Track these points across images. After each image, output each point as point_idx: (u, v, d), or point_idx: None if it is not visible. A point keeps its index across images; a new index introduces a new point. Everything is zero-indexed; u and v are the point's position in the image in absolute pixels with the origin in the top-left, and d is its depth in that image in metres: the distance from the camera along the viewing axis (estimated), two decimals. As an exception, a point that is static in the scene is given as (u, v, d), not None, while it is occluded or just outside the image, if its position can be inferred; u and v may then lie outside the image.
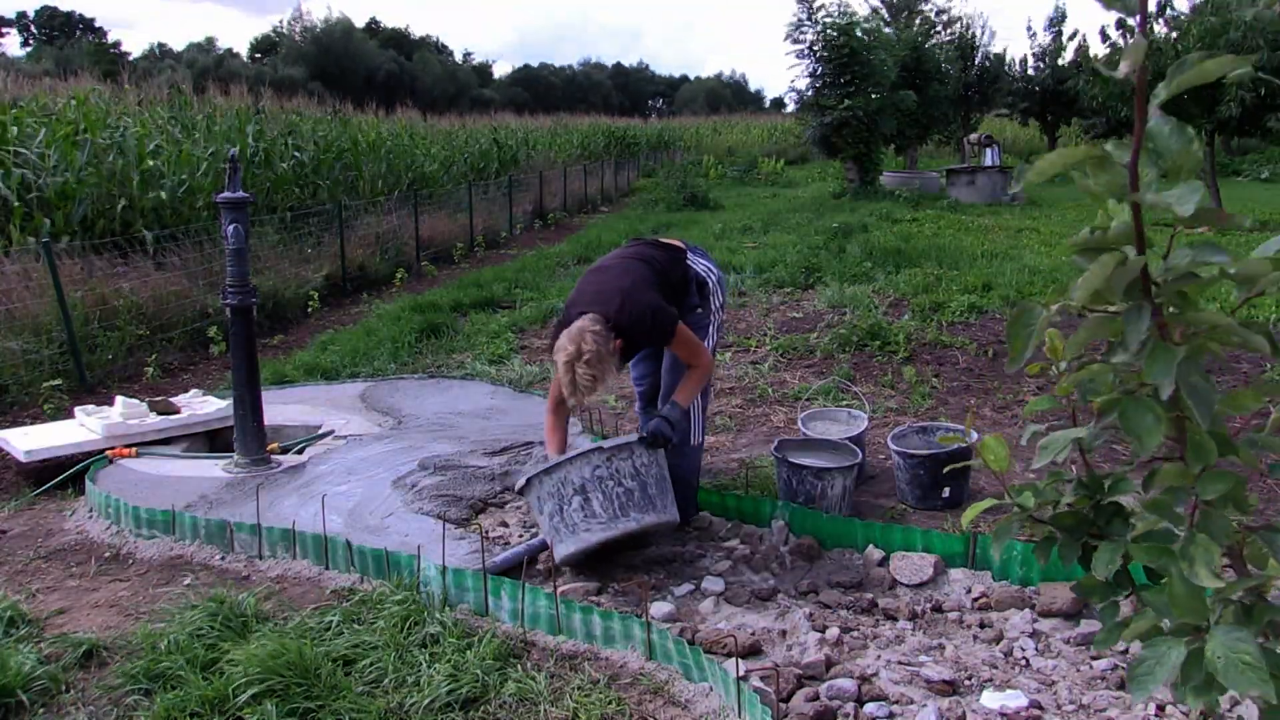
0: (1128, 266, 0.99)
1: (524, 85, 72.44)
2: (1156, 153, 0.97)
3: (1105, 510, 1.24)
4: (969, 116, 26.46)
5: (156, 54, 58.98)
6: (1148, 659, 1.04)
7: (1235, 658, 0.96)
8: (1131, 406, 1.04)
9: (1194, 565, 1.02)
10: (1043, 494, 1.27)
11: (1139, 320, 1.00)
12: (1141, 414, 1.03)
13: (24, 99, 10.42)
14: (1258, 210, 15.41)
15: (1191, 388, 0.98)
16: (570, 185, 20.49)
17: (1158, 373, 0.98)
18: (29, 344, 6.46)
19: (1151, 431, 1.02)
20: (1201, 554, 1.03)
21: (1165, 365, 0.98)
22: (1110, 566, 1.18)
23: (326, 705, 2.56)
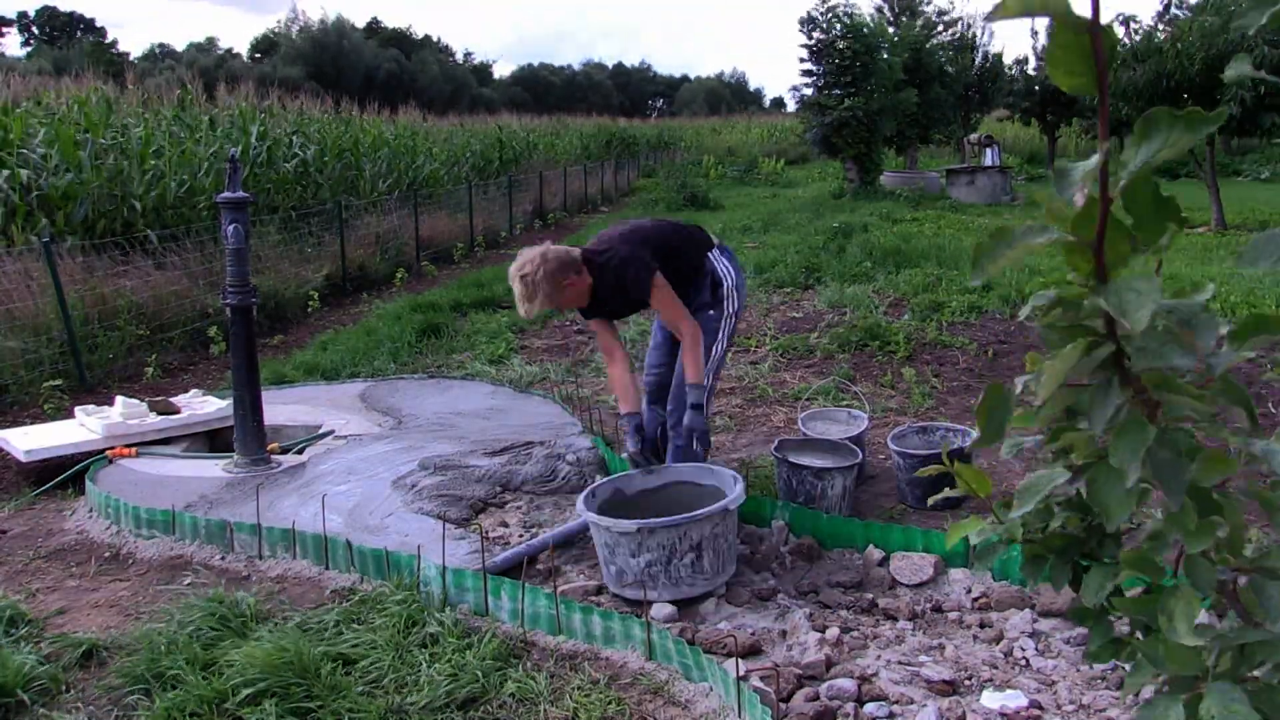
0: (1094, 355, 0.93)
1: (524, 85, 72.46)
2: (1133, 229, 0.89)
3: (1097, 530, 1.22)
4: (969, 116, 26.45)
5: (157, 54, 59.00)
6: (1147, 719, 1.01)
7: (1229, 717, 0.93)
8: (1101, 475, 0.99)
9: (1173, 621, 0.99)
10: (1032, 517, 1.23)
11: (1106, 400, 0.94)
12: (1112, 486, 0.97)
13: (25, 99, 10.42)
14: (1258, 210, 15.41)
15: (1161, 467, 0.92)
16: (570, 185, 20.49)
17: (1125, 456, 0.91)
18: (29, 344, 6.46)
19: (1121, 504, 0.97)
20: (1181, 609, 0.99)
21: (1134, 448, 0.91)
22: (1101, 593, 1.15)
23: (326, 705, 2.56)
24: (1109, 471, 0.97)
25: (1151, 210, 0.89)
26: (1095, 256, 0.89)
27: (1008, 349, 6.62)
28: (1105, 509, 0.98)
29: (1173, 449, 0.93)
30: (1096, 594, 1.15)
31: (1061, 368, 0.93)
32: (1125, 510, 0.97)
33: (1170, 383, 0.94)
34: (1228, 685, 0.96)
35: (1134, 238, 0.89)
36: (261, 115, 12.64)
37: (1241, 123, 12.44)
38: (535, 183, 18.59)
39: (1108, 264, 0.89)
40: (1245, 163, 26.38)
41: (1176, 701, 0.99)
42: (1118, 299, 0.85)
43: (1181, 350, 0.86)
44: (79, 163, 8.51)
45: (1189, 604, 1.00)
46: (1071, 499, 1.22)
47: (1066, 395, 1.00)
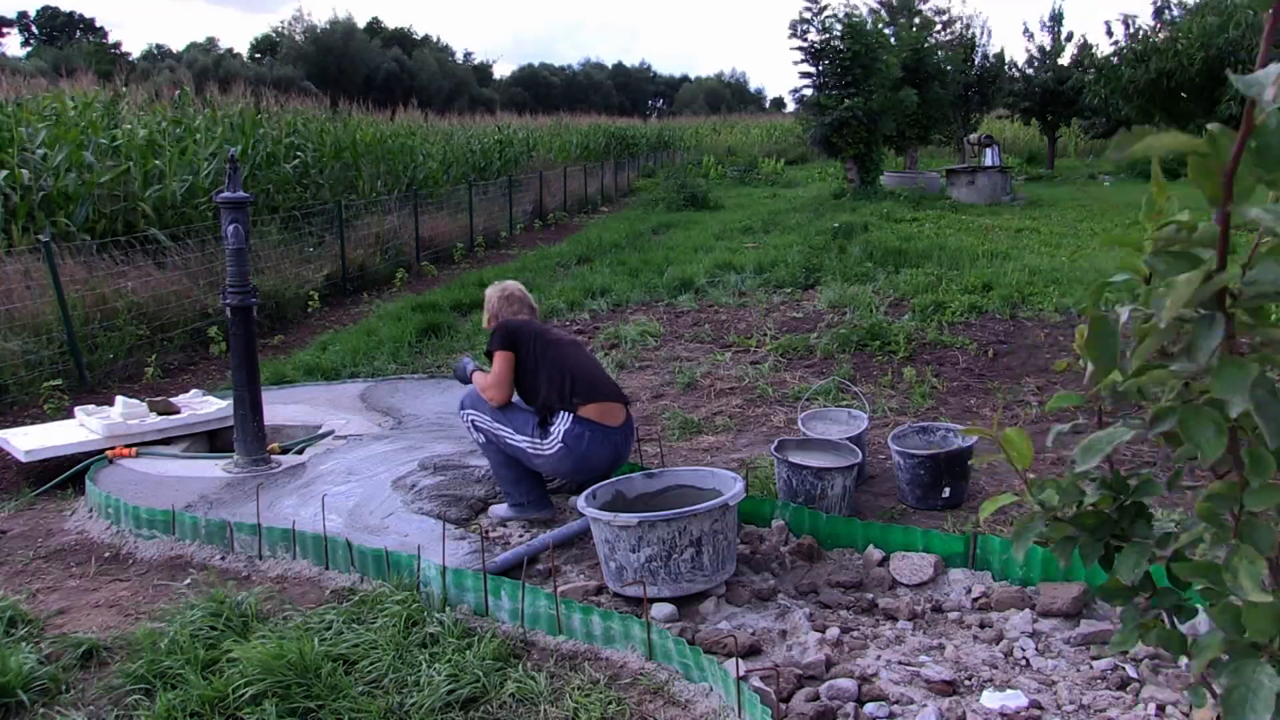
0: (1212, 282, 0.95)
1: (524, 85, 72.45)
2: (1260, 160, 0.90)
3: (1129, 511, 1.22)
4: (969, 116, 26.46)
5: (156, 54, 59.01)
6: (1239, 687, 1.00)
7: None
8: (1192, 416, 1.01)
9: (1238, 578, 1.00)
10: (1065, 493, 1.24)
11: (1210, 333, 0.96)
12: (1203, 424, 1.00)
13: (26, 99, 10.42)
14: (1258, 210, 15.40)
15: (1260, 404, 0.94)
16: (570, 185, 20.49)
17: (1228, 388, 0.94)
18: (29, 344, 6.47)
19: (1213, 443, 0.99)
20: (1246, 566, 1.00)
21: (1238, 382, 0.93)
22: (1137, 571, 1.15)
23: (326, 705, 2.56)
24: (1199, 413, 1.00)
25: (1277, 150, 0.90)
26: (1226, 180, 0.91)
27: (1008, 349, 6.62)
28: (1200, 446, 0.99)
29: (1269, 389, 0.95)
30: (1132, 570, 1.15)
31: (1186, 291, 0.94)
32: (1218, 448, 0.98)
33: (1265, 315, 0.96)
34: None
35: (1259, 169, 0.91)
36: (261, 115, 12.64)
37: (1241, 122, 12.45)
38: (535, 183, 18.59)
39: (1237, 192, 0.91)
40: (1245, 163, 26.33)
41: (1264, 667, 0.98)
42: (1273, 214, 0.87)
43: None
44: (80, 163, 8.51)
45: (1253, 561, 1.00)
46: (1105, 478, 1.23)
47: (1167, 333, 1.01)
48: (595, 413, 3.76)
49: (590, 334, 7.70)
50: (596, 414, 3.76)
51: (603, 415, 3.78)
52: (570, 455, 3.73)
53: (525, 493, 3.88)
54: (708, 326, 7.65)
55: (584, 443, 3.72)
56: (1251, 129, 0.88)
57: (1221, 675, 1.01)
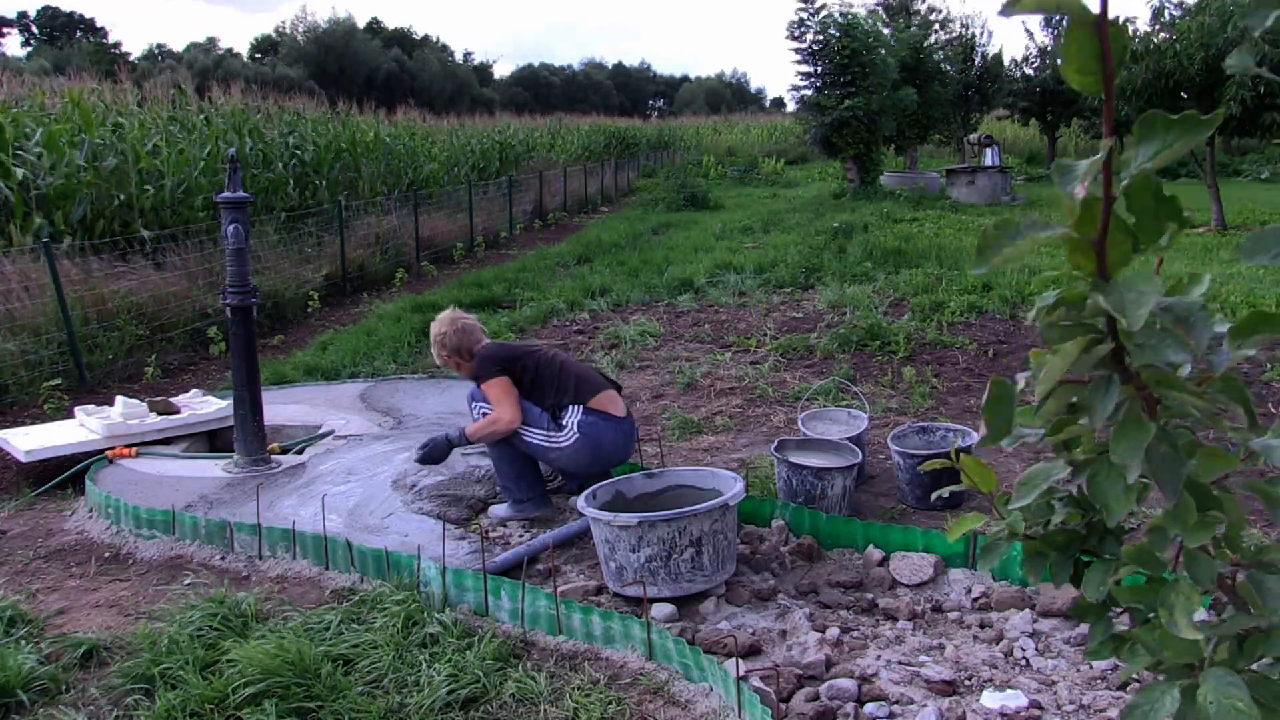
0: (1093, 352, 0.94)
1: (524, 85, 72.45)
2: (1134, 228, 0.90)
3: (1097, 527, 1.22)
4: (969, 116, 26.45)
5: (156, 54, 59.01)
6: (1141, 705, 1.02)
7: (1228, 704, 0.94)
8: (1102, 472, 1.00)
9: (1174, 614, 1.00)
10: (1033, 513, 1.24)
11: (1106, 397, 0.95)
12: (1113, 482, 0.99)
13: (24, 99, 10.42)
14: (1258, 210, 15.41)
15: (1159, 464, 0.93)
16: (570, 185, 20.49)
17: (1125, 453, 0.93)
18: (29, 344, 6.47)
19: (1120, 500, 0.98)
20: (1182, 602, 1.00)
21: (1134, 445, 0.92)
22: (1101, 589, 1.16)
23: (326, 705, 2.56)
24: (1109, 468, 0.98)
25: (1153, 210, 0.90)
26: (1097, 255, 0.90)
27: (1008, 349, 6.62)
28: (1105, 505, 0.99)
29: (1171, 445, 0.94)
30: (1098, 589, 1.15)
31: (1061, 364, 0.94)
32: (1125, 506, 0.98)
33: (1169, 380, 0.94)
34: (1225, 672, 0.96)
35: (1135, 237, 0.90)
36: (259, 115, 12.64)
37: (1241, 122, 12.44)
38: (535, 183, 18.59)
39: (1110, 263, 0.90)
40: (1245, 163, 26.38)
41: (1173, 687, 1.00)
42: (1117, 297, 0.86)
43: (1178, 346, 0.88)
44: (78, 162, 8.51)
45: (1189, 597, 1.00)
46: (1072, 495, 1.23)
47: (1069, 391, 1.00)
48: (602, 403, 3.86)
49: (590, 334, 7.70)
50: (604, 404, 3.86)
51: (609, 405, 3.88)
52: (587, 444, 3.79)
53: (526, 489, 3.88)
54: (708, 326, 7.65)
55: (599, 431, 3.81)
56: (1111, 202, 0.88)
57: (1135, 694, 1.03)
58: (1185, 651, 1.00)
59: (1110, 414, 0.94)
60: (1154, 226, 0.90)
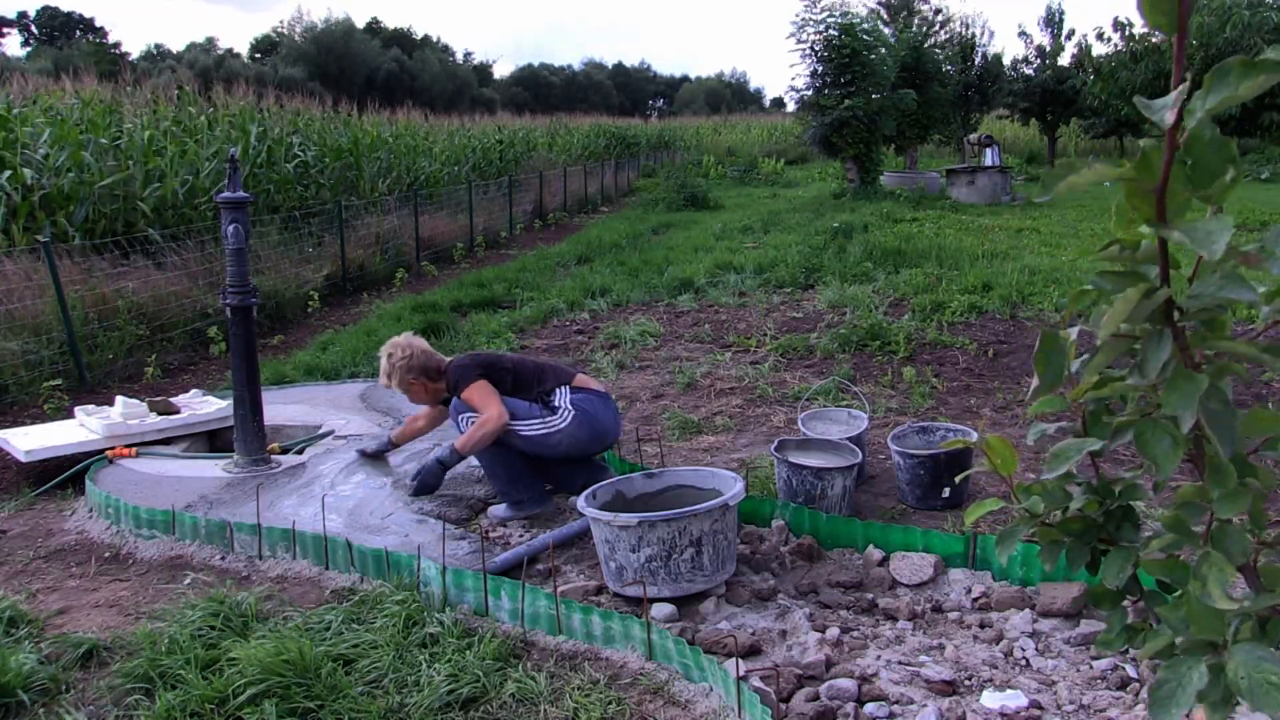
0: (1152, 299, 0.95)
1: (524, 85, 72.46)
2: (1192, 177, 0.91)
3: (1115, 515, 1.22)
4: (969, 116, 26.47)
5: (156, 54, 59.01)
6: (1169, 680, 1.01)
7: (1260, 678, 0.93)
8: (1149, 430, 1.01)
9: (1207, 585, 1.00)
10: (1051, 498, 1.24)
11: (1159, 348, 0.96)
12: (1159, 438, 1.00)
13: (27, 99, 10.42)
14: (1258, 210, 15.41)
15: (1213, 416, 0.94)
16: (570, 185, 20.49)
17: (1178, 404, 0.94)
18: (29, 344, 6.47)
19: (1169, 456, 0.99)
20: (1215, 574, 1.00)
21: (1187, 396, 0.93)
22: (1121, 575, 1.15)
23: (326, 705, 2.56)
24: (1155, 426, 1.00)
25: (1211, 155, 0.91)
26: (1157, 200, 0.92)
27: (1008, 349, 6.62)
28: (1154, 460, 1.00)
29: (1221, 400, 0.95)
30: (1118, 575, 1.15)
31: (1123, 309, 0.95)
32: (1173, 462, 0.99)
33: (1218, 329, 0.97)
34: (1255, 645, 0.96)
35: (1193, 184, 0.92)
36: (260, 115, 12.64)
37: (1241, 122, 12.44)
38: (535, 183, 18.59)
39: (1169, 209, 0.92)
40: (1245, 163, 26.34)
41: (1199, 661, 0.99)
42: (1193, 235, 0.87)
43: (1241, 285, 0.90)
44: (81, 163, 8.51)
45: (1222, 569, 1.00)
46: (1091, 483, 1.23)
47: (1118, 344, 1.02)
48: (584, 383, 4.00)
49: (590, 334, 7.70)
50: (586, 384, 4.00)
51: (590, 384, 4.02)
52: (585, 419, 3.86)
53: (524, 490, 3.89)
54: (708, 326, 7.66)
55: (593, 405, 3.90)
56: (1175, 148, 0.90)
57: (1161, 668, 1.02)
58: (1210, 628, 1.00)
59: (1162, 368, 0.95)
60: (1210, 172, 0.92)
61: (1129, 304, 0.95)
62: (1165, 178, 0.91)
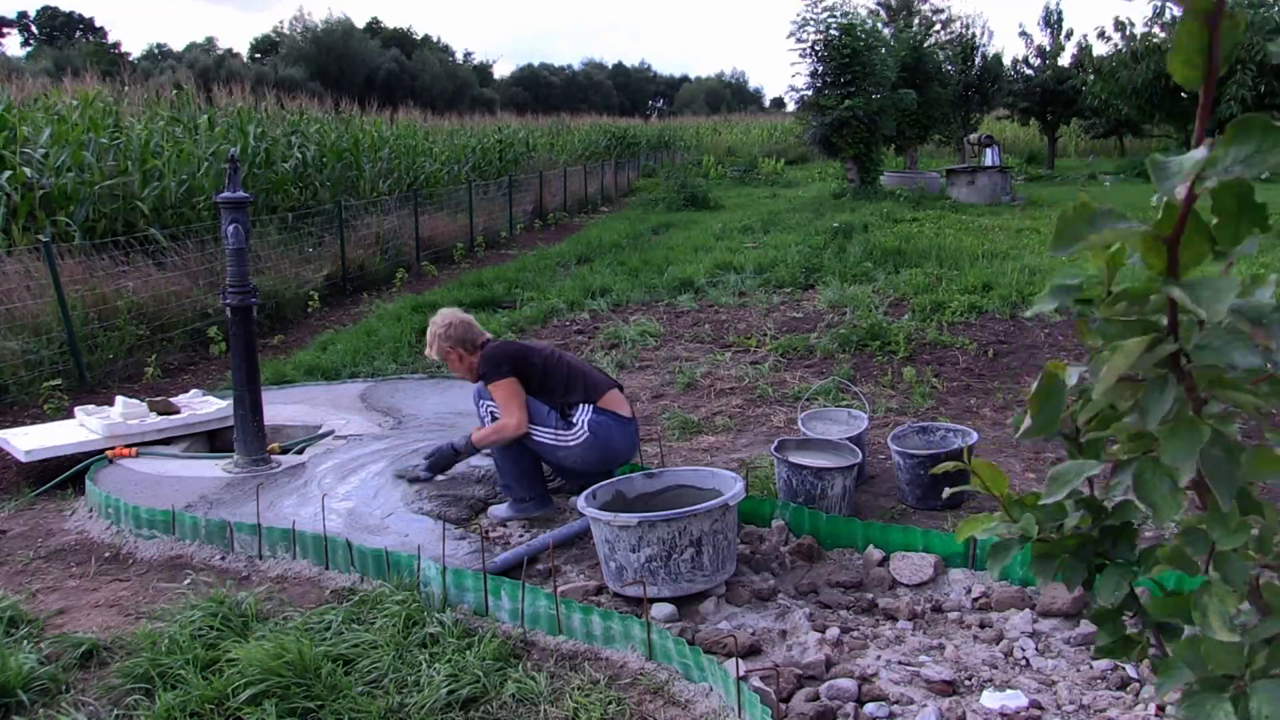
0: (1156, 351, 0.91)
1: (524, 85, 72.43)
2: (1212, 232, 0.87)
3: (1110, 532, 1.21)
4: (969, 116, 26.47)
5: (156, 54, 59.02)
6: None
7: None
8: (1148, 471, 0.97)
9: (1208, 617, 0.98)
10: (1047, 515, 1.21)
11: (1161, 398, 0.92)
12: (1159, 482, 0.96)
13: (26, 99, 10.42)
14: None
15: (1214, 466, 0.91)
16: (570, 185, 20.49)
17: (1179, 454, 0.90)
18: (29, 344, 6.47)
19: (1168, 502, 0.95)
20: (1216, 605, 0.98)
21: (1188, 447, 0.90)
22: (1117, 593, 1.14)
23: (326, 705, 2.56)
24: (1155, 468, 0.96)
25: (1235, 214, 0.88)
26: (1169, 253, 0.89)
27: (1008, 349, 6.62)
28: (1152, 506, 0.96)
29: (1224, 448, 0.91)
30: (1113, 594, 1.14)
31: (1124, 361, 0.91)
32: (1173, 509, 0.95)
33: (1227, 381, 0.92)
34: (1275, 683, 0.93)
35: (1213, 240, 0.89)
36: (259, 115, 12.64)
37: (1242, 122, 12.45)
38: (535, 183, 18.59)
39: (1182, 263, 0.89)
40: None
41: (1223, 700, 0.96)
42: (1195, 294, 0.84)
43: (1246, 349, 0.86)
44: (81, 162, 8.51)
45: (1222, 600, 0.98)
46: (1087, 499, 1.21)
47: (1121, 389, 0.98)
48: (611, 403, 3.88)
49: (590, 334, 7.70)
50: (613, 404, 3.88)
51: (618, 406, 3.90)
52: (597, 442, 3.80)
53: (527, 488, 3.88)
54: (708, 326, 7.66)
55: (610, 430, 3.82)
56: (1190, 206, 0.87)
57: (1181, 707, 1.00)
58: (1227, 662, 0.98)
59: (1165, 414, 0.91)
60: (1234, 231, 0.89)
61: (1130, 356, 0.91)
62: (1178, 233, 0.88)
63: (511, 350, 3.95)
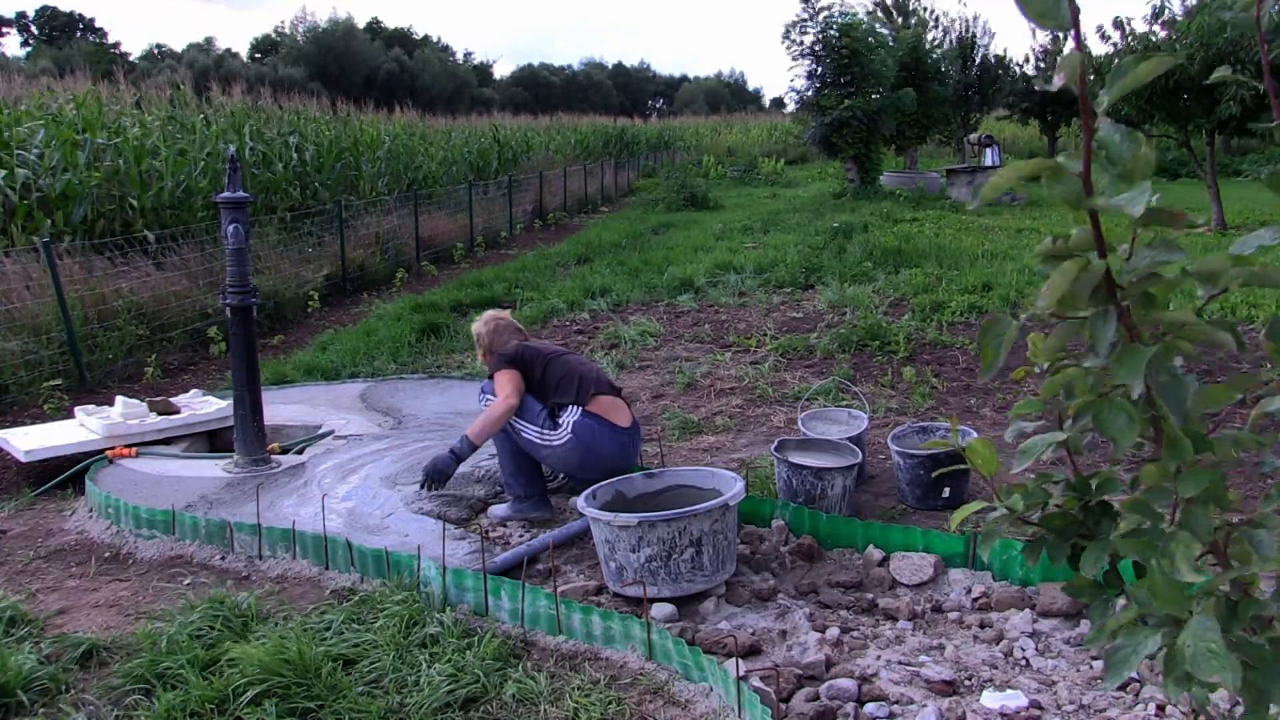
0: (1090, 272, 1.01)
1: (524, 85, 72.39)
2: (1109, 160, 0.99)
3: (1094, 511, 1.25)
4: (969, 116, 26.45)
5: (156, 54, 59.00)
6: (1124, 646, 1.08)
7: (1202, 646, 0.99)
8: (1105, 408, 1.07)
9: (1175, 561, 1.04)
10: (1031, 496, 1.29)
11: (1106, 324, 1.03)
12: (1115, 415, 1.05)
13: (24, 99, 10.42)
14: (1258, 210, 15.42)
15: (1161, 386, 1.00)
16: (570, 185, 20.49)
17: (1126, 373, 1.00)
18: (29, 344, 6.47)
19: (1125, 431, 1.04)
20: (1182, 549, 1.05)
21: (1133, 365, 1.00)
22: (1098, 565, 1.19)
23: (326, 705, 2.56)
24: (1110, 405, 1.06)
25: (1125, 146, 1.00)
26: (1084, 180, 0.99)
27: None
28: (1112, 437, 1.05)
29: (1168, 371, 1.01)
30: (1094, 565, 1.19)
31: (1062, 280, 1.01)
32: (1129, 437, 1.04)
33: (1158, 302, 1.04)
34: (1206, 619, 1.01)
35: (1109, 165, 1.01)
36: (258, 115, 12.63)
37: (1241, 122, 12.43)
38: (535, 183, 18.59)
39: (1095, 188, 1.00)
40: (1245, 163, 26.35)
41: (1155, 633, 1.06)
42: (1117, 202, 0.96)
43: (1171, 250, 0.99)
44: (78, 163, 8.51)
45: (1188, 545, 1.05)
46: (1069, 480, 1.25)
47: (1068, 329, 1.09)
48: (604, 409, 3.83)
49: (590, 334, 7.70)
50: (605, 410, 3.83)
51: (611, 412, 3.85)
52: (579, 447, 3.76)
53: (524, 485, 3.88)
54: (708, 326, 7.65)
55: (594, 435, 3.77)
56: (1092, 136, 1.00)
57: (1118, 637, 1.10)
58: (1173, 602, 1.05)
59: (1111, 345, 1.02)
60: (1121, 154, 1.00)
61: (1067, 276, 1.01)
62: (1087, 160, 0.99)
63: (518, 350, 4.02)
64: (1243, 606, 1.06)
